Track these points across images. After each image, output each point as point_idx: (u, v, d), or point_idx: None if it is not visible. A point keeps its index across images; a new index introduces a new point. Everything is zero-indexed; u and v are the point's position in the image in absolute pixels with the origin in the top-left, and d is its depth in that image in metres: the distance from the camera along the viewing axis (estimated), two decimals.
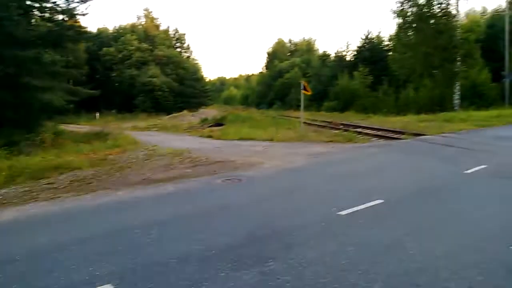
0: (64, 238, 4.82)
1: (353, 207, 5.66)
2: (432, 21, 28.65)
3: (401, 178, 7.77)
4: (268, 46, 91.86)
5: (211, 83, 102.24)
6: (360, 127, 19.31)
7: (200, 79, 57.85)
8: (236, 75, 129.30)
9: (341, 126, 20.04)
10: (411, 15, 29.62)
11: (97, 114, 40.43)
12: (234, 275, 3.64)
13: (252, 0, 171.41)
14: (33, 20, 17.90)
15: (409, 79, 32.76)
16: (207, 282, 3.55)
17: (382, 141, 14.35)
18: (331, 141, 14.06)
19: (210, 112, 37.30)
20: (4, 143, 12.57)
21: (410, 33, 31.09)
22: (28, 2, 16.06)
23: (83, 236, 4.89)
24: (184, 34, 64.07)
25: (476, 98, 27.29)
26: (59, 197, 7.06)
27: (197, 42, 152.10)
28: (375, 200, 5.98)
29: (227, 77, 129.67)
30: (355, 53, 48.22)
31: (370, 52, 44.59)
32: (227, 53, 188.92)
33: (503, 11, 31.92)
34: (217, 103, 79.22)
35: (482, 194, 6.45)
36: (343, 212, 5.45)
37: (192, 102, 49.90)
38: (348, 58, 49.44)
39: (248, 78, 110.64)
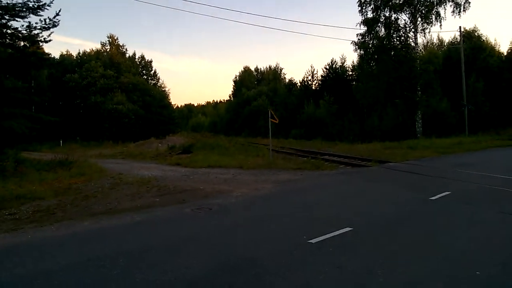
0: (27, 271, 4.59)
1: (323, 235, 5.75)
2: (392, 53, 30.13)
3: (369, 205, 7.98)
4: (235, 73, 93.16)
5: (179, 110, 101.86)
6: (327, 154, 19.74)
7: (167, 106, 57.37)
8: (203, 102, 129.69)
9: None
10: (372, 47, 31.05)
11: (61, 142, 39.13)
12: None
13: (219, 27, 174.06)
14: None
15: (373, 108, 34.00)
16: None
17: (349, 169, 14.72)
18: (299, 168, 14.28)
19: (178, 139, 36.96)
20: None
21: (372, 64, 32.49)
22: None
23: (48, 268, 4.69)
24: (151, 61, 63.85)
25: (437, 126, 28.63)
26: (22, 228, 6.74)
27: (164, 69, 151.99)
28: (344, 228, 6.10)
29: (195, 104, 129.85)
30: (320, 82, 49.71)
31: (335, 81, 46.08)
32: (195, 80, 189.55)
33: (458, 43, 34.07)
34: (185, 130, 78.70)
35: (448, 219, 6.70)
36: (314, 240, 5.52)
37: (159, 129, 49.29)
38: (313, 87, 50.84)
39: (216, 105, 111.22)
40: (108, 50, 58.47)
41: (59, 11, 16.10)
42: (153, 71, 63.55)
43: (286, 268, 4.51)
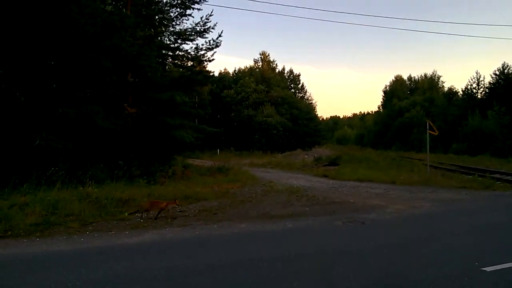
0: (196, 263, 5.13)
1: (500, 263, 4.92)
2: None
3: None
4: (385, 83, 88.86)
5: (324, 122, 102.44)
6: (498, 172, 17.05)
7: (314, 118, 58.39)
8: (350, 114, 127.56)
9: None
10: None
11: (218, 150, 43.48)
12: None
13: (367, 37, 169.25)
14: (167, 67, 20.53)
15: None
16: None
17: None
18: (463, 187, 12.67)
19: (324, 151, 37.15)
20: (142, 173, 14.26)
21: None
22: (163, 51, 18.51)
23: (213, 263, 5.15)
24: (299, 75, 66.14)
25: None
26: (191, 224, 7.64)
27: (311, 82, 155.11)
28: None
29: (341, 116, 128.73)
30: (488, 89, 43.55)
31: (507, 88, 39.74)
32: (341, 92, 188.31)
33: None
34: (330, 142, 78.55)
35: None
36: (489, 268, 4.76)
37: (306, 141, 50.52)
38: (479, 96, 44.84)
39: (363, 117, 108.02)
40: (260, 66, 62.81)
41: (221, 32, 18.04)
42: (300, 85, 65.67)
43: None
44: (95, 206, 8.70)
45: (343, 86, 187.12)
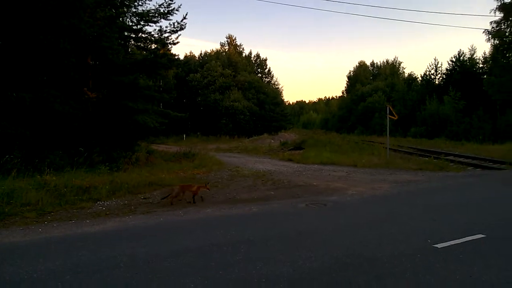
0: (160, 250, 5.12)
1: (450, 240, 5.26)
2: None
3: (505, 212, 7.01)
4: (349, 69, 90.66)
5: (291, 107, 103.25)
6: (452, 155, 17.94)
7: (280, 103, 58.66)
8: (315, 99, 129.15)
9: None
10: (509, 35, 27.14)
11: (184, 136, 42.97)
12: None
13: (332, 23, 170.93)
14: (129, 50, 19.90)
15: (509, 104, 29.81)
16: None
17: (478, 171, 13.16)
18: (420, 169, 13.26)
19: (290, 135, 37.54)
20: (104, 160, 13.91)
21: (509, 55, 28.43)
22: (126, 33, 17.88)
23: (178, 249, 5.16)
24: (266, 60, 65.94)
25: None
26: (155, 211, 7.57)
27: (278, 66, 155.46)
28: (475, 234, 5.51)
29: (306, 101, 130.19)
30: (445, 76, 45.35)
31: (462, 74, 41.55)
32: (307, 77, 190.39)
33: None
34: (296, 127, 79.43)
35: None
36: (439, 245, 5.07)
37: (272, 126, 50.83)
38: (437, 82, 46.64)
39: (327, 102, 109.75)
40: (226, 50, 62.09)
41: (186, 14, 17.65)
42: (267, 69, 65.56)
43: (411, 272, 4.19)
44: (53, 195, 8.42)
45: (309, 71, 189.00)
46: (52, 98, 12.24)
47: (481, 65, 42.33)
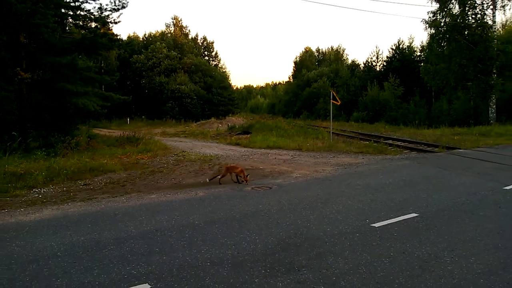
0: (101, 237, 4.96)
1: (387, 219, 5.60)
2: (466, 32, 27.86)
3: (436, 192, 7.55)
4: (296, 54, 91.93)
5: (238, 91, 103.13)
6: (391, 138, 18.97)
7: (228, 87, 58.35)
8: (263, 84, 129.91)
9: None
10: (444, 25, 28.92)
11: (128, 119, 41.51)
12: (269, 282, 3.64)
13: (280, 9, 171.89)
14: (67, 28, 18.66)
15: (442, 91, 31.96)
16: (242, 287, 3.56)
17: (414, 154, 14.04)
18: (361, 152, 13.88)
19: (237, 120, 37.56)
20: (41, 145, 13.10)
21: (443, 44, 30.31)
22: (63, 10, 16.72)
23: (120, 236, 5.03)
24: (213, 43, 65.11)
25: None
26: (96, 198, 7.29)
27: (225, 50, 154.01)
28: (409, 213, 5.89)
29: (254, 86, 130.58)
30: (385, 63, 47.56)
31: (401, 62, 43.84)
32: (254, 62, 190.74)
33: None
34: (244, 111, 79.63)
35: None
36: (377, 224, 5.38)
37: (219, 110, 50.50)
38: (378, 68, 48.80)
39: (275, 86, 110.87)
40: (172, 31, 60.31)
41: None
42: (214, 53, 64.77)
43: (349, 250, 4.43)
44: None
45: (257, 56, 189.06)
46: None
47: (418, 53, 44.82)
